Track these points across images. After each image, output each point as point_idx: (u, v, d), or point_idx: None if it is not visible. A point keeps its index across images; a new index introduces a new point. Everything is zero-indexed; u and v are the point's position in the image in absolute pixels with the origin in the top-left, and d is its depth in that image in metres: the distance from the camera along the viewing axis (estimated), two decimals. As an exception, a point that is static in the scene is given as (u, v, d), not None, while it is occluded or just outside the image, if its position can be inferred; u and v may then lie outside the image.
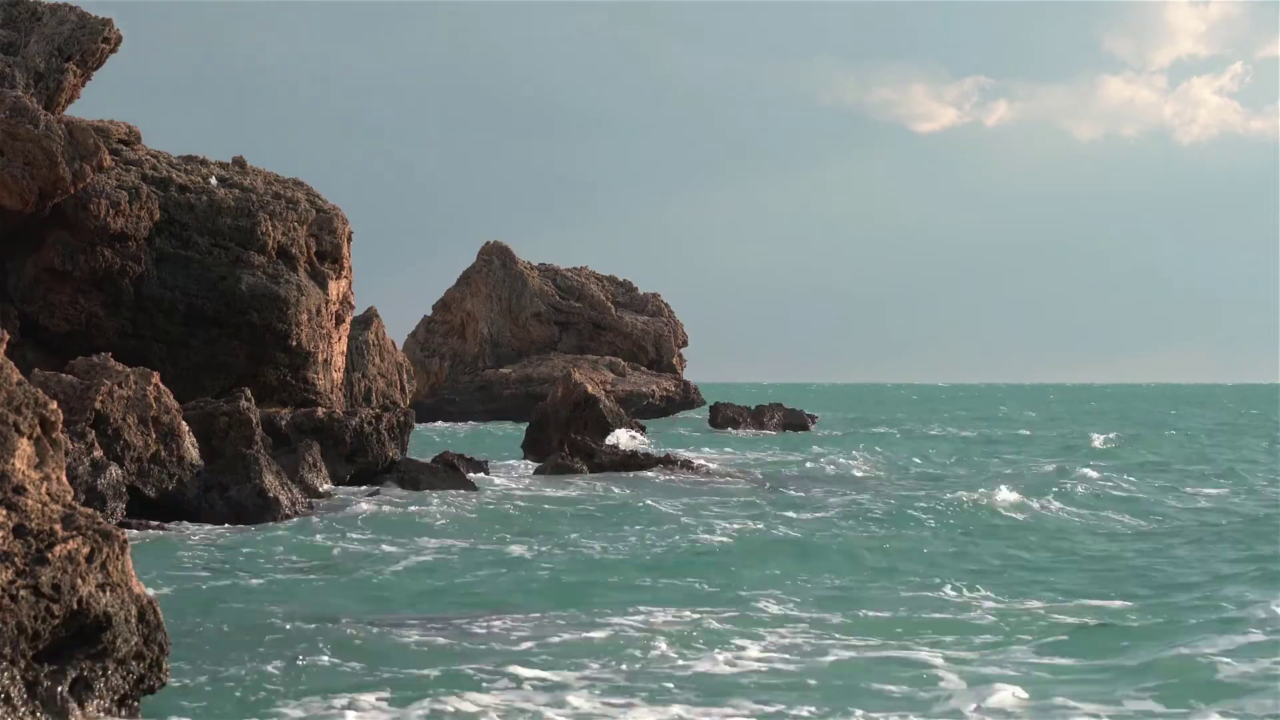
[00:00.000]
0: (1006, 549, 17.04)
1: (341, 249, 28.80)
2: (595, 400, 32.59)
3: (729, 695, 9.19)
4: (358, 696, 9.01)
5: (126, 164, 27.13)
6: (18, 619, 7.57)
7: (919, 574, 14.69)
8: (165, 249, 26.62)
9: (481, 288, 71.04)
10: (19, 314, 25.41)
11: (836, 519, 19.78)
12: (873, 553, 16.23)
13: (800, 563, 15.49)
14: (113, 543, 8.11)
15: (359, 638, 10.92)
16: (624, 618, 11.83)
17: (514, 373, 66.19)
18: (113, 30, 27.12)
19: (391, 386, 47.68)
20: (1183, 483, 27.37)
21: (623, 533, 17.93)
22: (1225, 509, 22.20)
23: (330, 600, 12.79)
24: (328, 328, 28.13)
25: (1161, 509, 22.13)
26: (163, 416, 19.09)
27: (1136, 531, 19.30)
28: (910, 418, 72.34)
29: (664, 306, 72.40)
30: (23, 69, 26.00)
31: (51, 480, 8.39)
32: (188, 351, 26.44)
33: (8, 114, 24.15)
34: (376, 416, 23.17)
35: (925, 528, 19.00)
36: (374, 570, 14.68)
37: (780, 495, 23.92)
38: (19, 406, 8.38)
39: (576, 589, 13.52)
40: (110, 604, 7.95)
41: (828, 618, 11.92)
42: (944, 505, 21.22)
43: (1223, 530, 19.04)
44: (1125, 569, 15.45)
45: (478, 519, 19.47)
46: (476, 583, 13.98)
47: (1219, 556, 16.32)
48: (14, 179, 24.28)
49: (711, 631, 11.24)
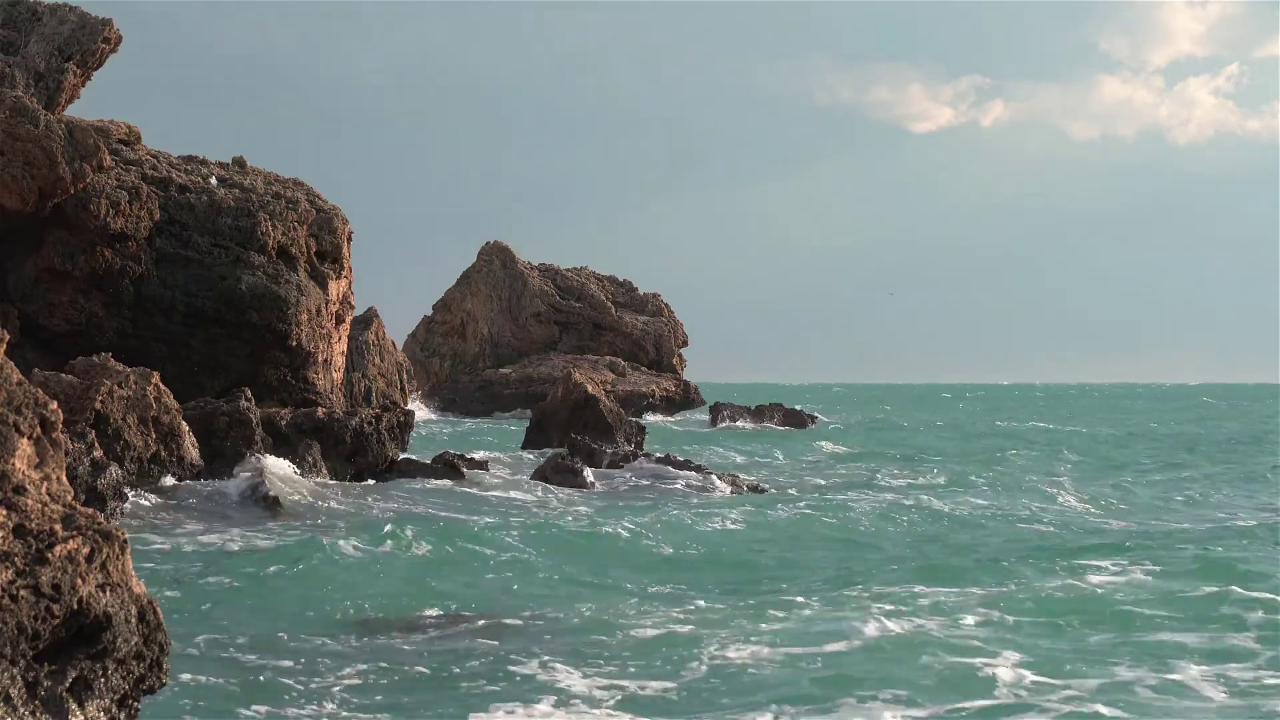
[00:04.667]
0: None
1: (341, 249, 28.80)
2: (595, 400, 32.57)
3: (758, 691, 9.23)
4: (355, 696, 9.00)
5: (126, 164, 27.13)
6: (18, 619, 7.56)
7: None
8: (165, 249, 26.62)
9: (481, 288, 71.06)
10: (19, 314, 25.41)
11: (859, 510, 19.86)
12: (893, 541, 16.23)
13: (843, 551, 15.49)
14: (113, 543, 8.11)
15: (357, 639, 10.92)
16: (645, 613, 11.83)
17: (514, 373, 66.20)
18: (113, 30, 27.12)
19: (391, 386, 47.69)
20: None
21: (632, 531, 17.93)
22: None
23: (323, 601, 12.79)
24: (328, 328, 28.12)
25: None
26: (163, 416, 19.09)
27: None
28: (904, 417, 72.30)
29: (664, 306, 72.43)
30: (23, 69, 26.00)
31: (51, 480, 8.39)
32: (188, 351, 26.44)
33: (8, 114, 24.14)
34: (376, 416, 23.16)
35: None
36: (369, 570, 14.68)
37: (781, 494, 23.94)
38: (19, 406, 8.37)
39: (586, 590, 13.52)
40: (110, 604, 7.94)
41: (849, 600, 11.93)
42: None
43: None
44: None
45: (485, 520, 19.48)
46: (482, 583, 13.98)
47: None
48: (14, 179, 24.28)
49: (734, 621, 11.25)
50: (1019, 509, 21.65)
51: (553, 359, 65.65)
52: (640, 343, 68.95)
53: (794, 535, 17.90)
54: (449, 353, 70.72)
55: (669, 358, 69.47)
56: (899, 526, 19.25)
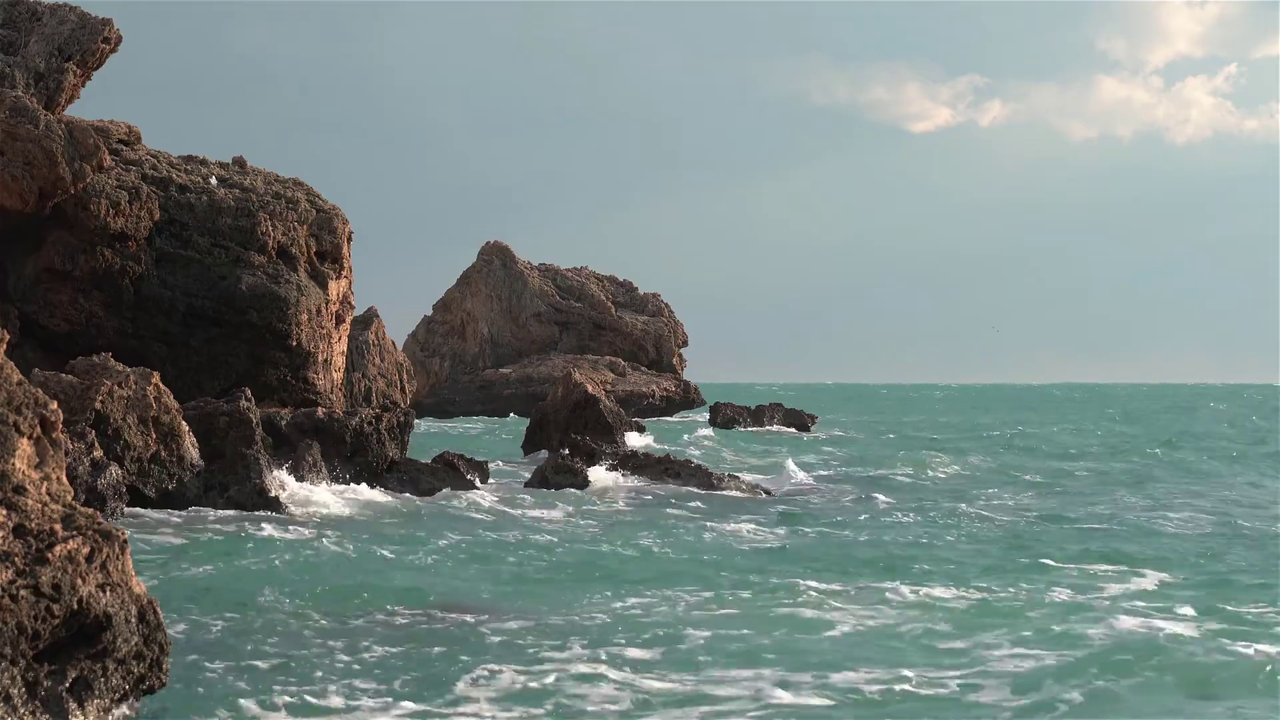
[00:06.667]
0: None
1: (341, 249, 28.80)
2: (596, 400, 32.56)
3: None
4: (355, 698, 9.00)
5: (126, 164, 27.12)
6: (18, 619, 7.55)
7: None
8: (165, 249, 26.61)
9: (481, 288, 71.04)
10: (19, 314, 25.41)
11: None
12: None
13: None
14: (113, 543, 8.10)
15: (374, 632, 10.92)
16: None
17: (514, 373, 66.19)
18: (113, 30, 27.10)
19: (391, 386, 47.68)
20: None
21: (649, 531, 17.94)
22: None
23: (338, 594, 12.79)
24: (328, 328, 28.12)
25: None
26: (163, 416, 19.08)
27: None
28: (899, 418, 72.27)
29: (664, 306, 72.40)
30: (23, 69, 25.99)
31: (51, 480, 8.38)
32: (188, 351, 26.44)
33: (8, 114, 24.14)
34: (376, 416, 23.15)
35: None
36: (380, 565, 14.68)
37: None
38: (19, 406, 8.36)
39: (595, 580, 13.53)
40: (110, 604, 7.94)
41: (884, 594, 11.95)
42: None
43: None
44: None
45: (502, 520, 19.48)
46: (495, 577, 13.99)
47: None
48: (14, 179, 24.28)
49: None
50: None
51: (553, 359, 65.63)
52: (640, 343, 68.93)
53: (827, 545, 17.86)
54: (449, 353, 70.69)
55: (669, 358, 69.45)
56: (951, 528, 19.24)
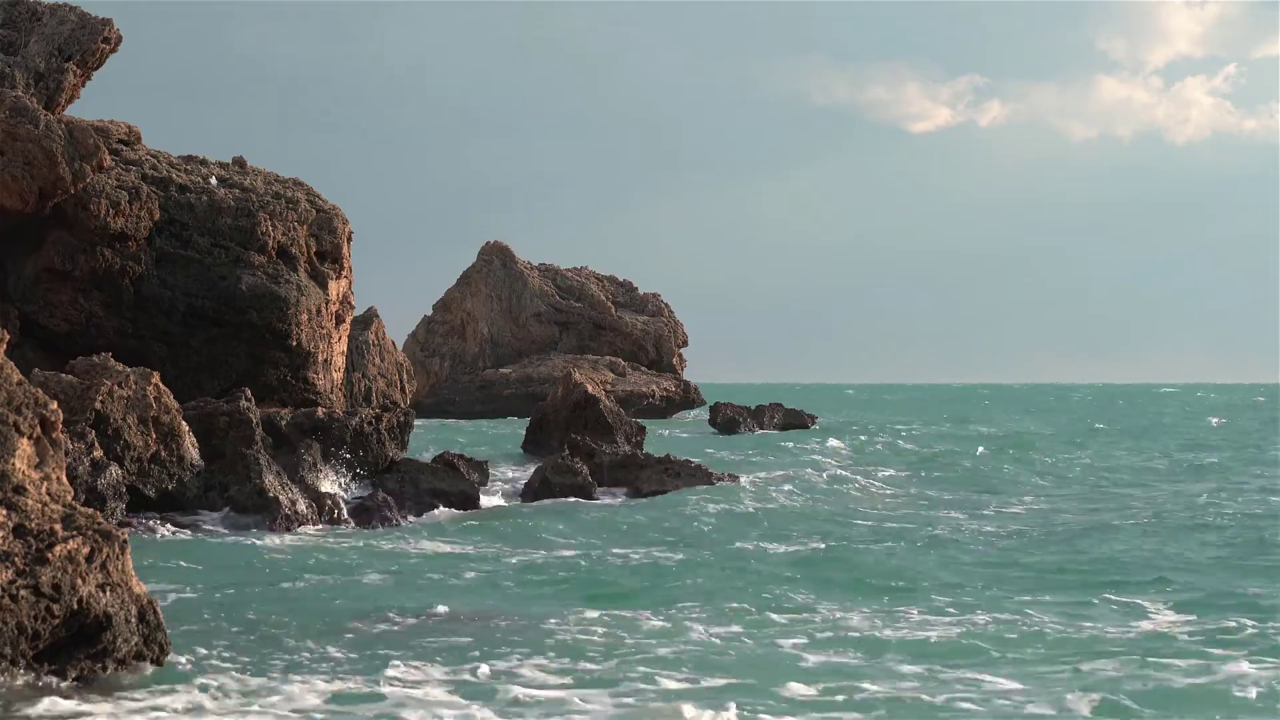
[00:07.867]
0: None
1: (341, 249, 28.79)
2: (595, 400, 32.54)
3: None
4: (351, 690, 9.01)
5: (126, 164, 27.12)
6: (18, 619, 7.56)
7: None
8: (165, 249, 26.61)
9: (481, 288, 71.05)
10: (19, 314, 25.41)
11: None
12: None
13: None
14: (113, 543, 8.11)
15: (370, 631, 10.93)
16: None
17: (514, 373, 66.19)
18: (113, 30, 27.09)
19: (391, 386, 47.69)
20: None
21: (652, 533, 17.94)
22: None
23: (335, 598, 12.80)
24: (328, 328, 28.12)
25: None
26: (163, 416, 19.08)
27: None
28: (899, 416, 72.24)
29: (664, 306, 72.40)
30: (23, 69, 25.99)
31: (51, 480, 8.38)
32: (188, 351, 26.43)
33: (8, 114, 24.14)
34: (376, 416, 23.13)
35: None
36: (383, 568, 14.69)
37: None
38: (19, 406, 8.37)
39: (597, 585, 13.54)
40: (110, 604, 7.94)
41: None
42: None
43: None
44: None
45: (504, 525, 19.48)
46: (503, 582, 14.01)
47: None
48: (14, 179, 24.27)
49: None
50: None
51: (553, 359, 65.63)
52: (640, 343, 68.92)
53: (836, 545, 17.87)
54: (449, 353, 70.69)
55: (669, 358, 69.44)
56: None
